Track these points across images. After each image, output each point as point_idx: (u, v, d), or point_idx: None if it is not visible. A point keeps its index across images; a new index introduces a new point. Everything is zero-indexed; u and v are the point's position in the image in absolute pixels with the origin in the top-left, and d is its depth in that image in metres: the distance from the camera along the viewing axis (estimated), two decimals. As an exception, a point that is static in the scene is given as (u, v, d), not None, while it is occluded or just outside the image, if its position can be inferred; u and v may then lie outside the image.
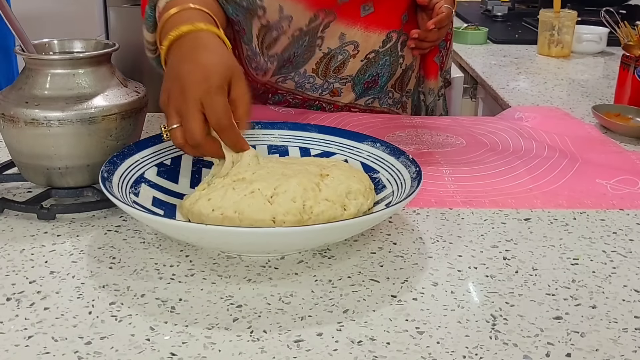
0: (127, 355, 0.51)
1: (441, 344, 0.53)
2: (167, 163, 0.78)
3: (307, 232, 0.61)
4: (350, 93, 1.11)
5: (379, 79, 1.11)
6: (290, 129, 0.85)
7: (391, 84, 1.14)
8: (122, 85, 0.78)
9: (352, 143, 0.82)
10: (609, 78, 1.56)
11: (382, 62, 1.09)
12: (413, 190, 0.66)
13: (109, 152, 0.74)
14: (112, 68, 0.78)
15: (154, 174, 0.76)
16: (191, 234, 0.62)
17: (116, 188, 0.68)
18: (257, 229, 0.60)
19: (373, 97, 1.14)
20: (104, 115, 0.74)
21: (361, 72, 1.09)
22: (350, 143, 0.82)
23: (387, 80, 1.13)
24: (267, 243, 0.62)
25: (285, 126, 0.86)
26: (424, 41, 1.08)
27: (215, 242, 0.63)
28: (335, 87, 1.10)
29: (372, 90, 1.13)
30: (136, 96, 0.78)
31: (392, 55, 1.10)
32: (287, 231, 0.61)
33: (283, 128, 0.85)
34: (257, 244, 0.62)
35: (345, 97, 1.12)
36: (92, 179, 0.77)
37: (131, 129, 0.77)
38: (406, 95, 1.18)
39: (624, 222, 0.75)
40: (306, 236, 0.61)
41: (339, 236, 0.65)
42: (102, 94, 0.75)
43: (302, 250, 0.67)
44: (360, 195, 0.69)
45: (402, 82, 1.15)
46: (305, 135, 0.84)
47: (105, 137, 0.75)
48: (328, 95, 1.11)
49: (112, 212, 0.74)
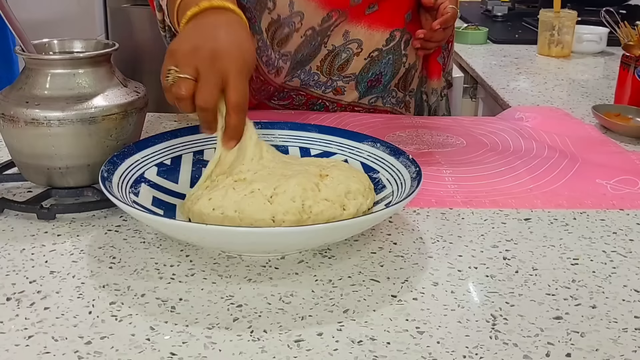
0: (128, 355, 0.51)
1: (441, 343, 0.53)
2: (167, 163, 0.78)
3: (307, 232, 0.61)
4: (353, 92, 1.11)
5: (382, 77, 1.11)
6: (291, 129, 0.85)
7: (394, 83, 1.14)
8: (122, 85, 0.78)
9: (352, 143, 0.82)
10: (609, 78, 1.56)
11: (385, 61, 1.10)
12: (413, 190, 0.66)
13: (109, 152, 0.74)
14: (112, 68, 0.78)
15: (154, 174, 0.76)
16: (192, 234, 0.62)
17: (116, 188, 0.68)
18: (257, 228, 0.60)
19: (376, 96, 1.14)
20: (104, 115, 0.74)
21: (364, 70, 1.09)
22: (350, 143, 0.82)
23: (390, 79, 1.13)
24: (267, 243, 0.62)
25: (286, 126, 0.86)
26: (429, 41, 1.09)
27: (216, 241, 0.63)
28: (338, 85, 1.10)
29: (375, 89, 1.13)
30: (136, 96, 0.78)
31: (396, 54, 1.10)
32: (287, 231, 0.61)
33: (283, 128, 0.85)
34: (257, 243, 0.62)
35: (348, 96, 1.12)
36: (92, 179, 0.77)
37: (131, 129, 0.77)
38: (409, 95, 1.18)
39: (624, 222, 0.75)
40: (306, 236, 0.61)
41: (338, 236, 0.65)
42: (102, 94, 0.75)
43: (302, 250, 0.67)
44: (360, 195, 0.69)
45: (406, 81, 1.15)
46: (305, 135, 0.84)
47: (106, 137, 0.75)
48: (331, 94, 1.11)
49: (112, 212, 0.74)
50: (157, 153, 0.78)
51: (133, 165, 0.74)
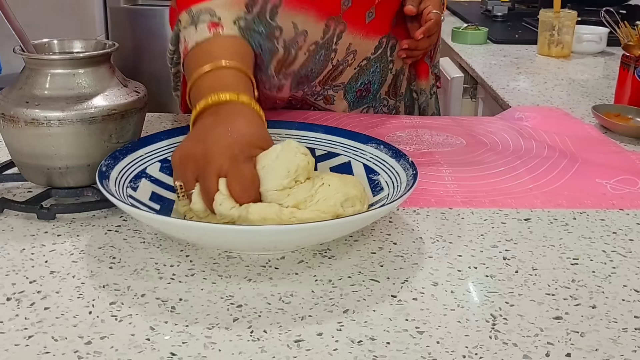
0: (127, 354, 0.51)
1: (441, 343, 0.53)
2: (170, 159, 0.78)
3: (305, 230, 0.61)
4: (342, 101, 1.11)
5: (371, 86, 1.11)
6: (298, 129, 0.85)
7: (384, 90, 1.14)
8: (122, 85, 0.77)
9: (357, 144, 0.82)
10: (609, 78, 1.56)
11: (372, 69, 1.09)
12: (408, 189, 0.66)
13: (109, 152, 0.74)
14: (112, 68, 0.78)
15: (157, 170, 0.76)
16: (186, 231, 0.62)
17: (113, 182, 0.68)
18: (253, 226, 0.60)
19: (367, 106, 1.13)
20: (104, 115, 0.74)
21: (353, 79, 1.09)
22: (354, 144, 0.82)
23: (379, 88, 1.12)
24: (264, 241, 0.62)
25: (293, 126, 0.85)
26: (415, 50, 1.09)
27: (216, 240, 0.63)
28: (328, 93, 1.09)
29: (365, 100, 1.12)
30: (136, 96, 0.78)
31: (382, 61, 1.10)
32: (285, 229, 0.61)
33: (290, 128, 0.85)
34: (253, 241, 0.62)
35: (338, 106, 1.11)
36: (92, 179, 0.76)
37: (131, 129, 0.77)
38: (399, 100, 1.18)
39: (623, 222, 0.75)
40: (302, 234, 0.62)
41: (334, 233, 0.65)
42: (102, 94, 0.75)
43: (300, 247, 0.67)
44: (358, 201, 0.69)
45: (395, 87, 1.15)
46: (311, 135, 0.84)
47: (105, 137, 0.75)
48: (322, 102, 1.10)
49: (112, 212, 0.75)
50: (162, 149, 0.78)
51: (135, 161, 0.74)
